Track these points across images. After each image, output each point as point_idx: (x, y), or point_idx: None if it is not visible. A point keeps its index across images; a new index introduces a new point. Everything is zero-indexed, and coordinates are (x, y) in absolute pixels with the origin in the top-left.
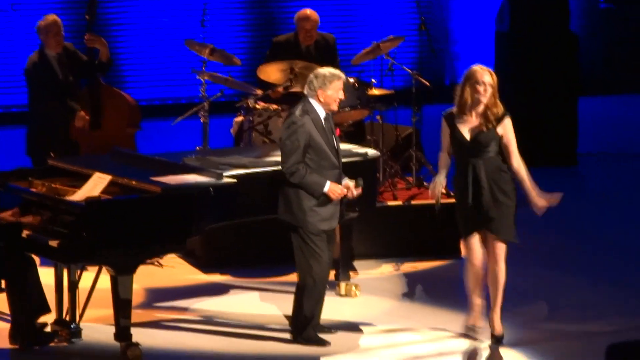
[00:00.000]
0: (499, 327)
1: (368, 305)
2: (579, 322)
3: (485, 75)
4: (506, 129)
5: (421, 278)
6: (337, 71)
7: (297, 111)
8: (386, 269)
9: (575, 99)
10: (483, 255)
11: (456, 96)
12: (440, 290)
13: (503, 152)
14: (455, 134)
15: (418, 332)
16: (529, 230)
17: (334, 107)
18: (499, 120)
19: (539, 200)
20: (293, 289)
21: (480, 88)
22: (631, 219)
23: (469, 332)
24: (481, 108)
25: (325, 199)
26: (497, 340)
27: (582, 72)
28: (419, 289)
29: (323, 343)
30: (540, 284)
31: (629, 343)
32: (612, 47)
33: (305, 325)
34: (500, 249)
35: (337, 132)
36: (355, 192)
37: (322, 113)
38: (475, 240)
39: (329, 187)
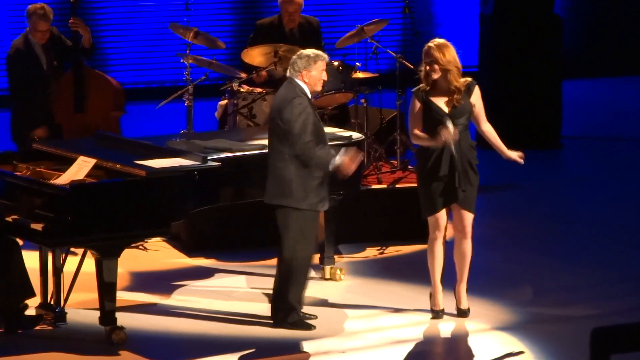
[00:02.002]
0: (466, 301)
1: (352, 288)
2: (564, 305)
3: (430, 52)
4: (477, 98)
5: (405, 261)
6: (320, 52)
7: (292, 92)
8: (370, 253)
9: (559, 82)
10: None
11: (421, 75)
12: (425, 274)
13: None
14: (432, 108)
15: (403, 315)
16: (514, 214)
17: (318, 87)
18: (469, 90)
19: (511, 153)
20: None
21: (428, 66)
22: (615, 202)
23: (437, 317)
24: (445, 84)
25: (323, 178)
26: (463, 314)
27: (566, 54)
28: (403, 273)
29: (309, 327)
30: (525, 268)
31: (614, 327)
32: (596, 29)
33: (291, 309)
34: (470, 222)
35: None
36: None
37: (308, 93)
38: (443, 216)
39: (341, 158)
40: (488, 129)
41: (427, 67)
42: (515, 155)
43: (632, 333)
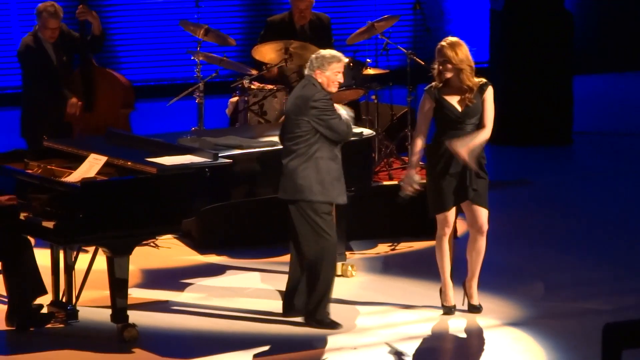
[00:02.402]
0: (477, 297)
1: (364, 285)
2: (575, 300)
3: (443, 50)
4: (489, 100)
5: (417, 258)
6: (338, 53)
7: (311, 90)
8: (382, 249)
9: (570, 77)
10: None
11: (434, 74)
12: (436, 270)
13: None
14: (444, 107)
15: (414, 311)
16: (524, 209)
17: (332, 89)
18: (482, 91)
19: (463, 151)
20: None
21: (441, 65)
22: (626, 197)
23: (449, 313)
24: (458, 83)
25: (340, 171)
26: (475, 310)
27: (577, 50)
28: (415, 269)
29: (335, 326)
30: (537, 263)
31: (626, 322)
32: (607, 25)
33: (318, 306)
34: (486, 218)
35: None
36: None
37: None
38: (453, 214)
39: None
40: (483, 132)
41: (440, 66)
42: (469, 162)
43: None
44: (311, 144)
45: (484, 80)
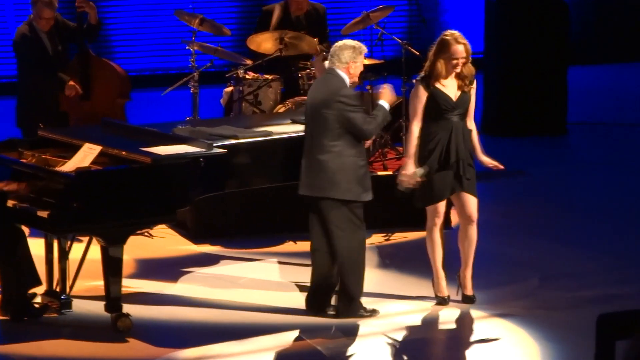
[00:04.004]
0: (471, 287)
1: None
2: (570, 291)
3: (460, 48)
4: (474, 91)
5: (412, 248)
6: (360, 44)
7: (337, 84)
8: (376, 239)
9: (565, 67)
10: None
11: (428, 64)
12: (429, 262)
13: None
14: (438, 96)
15: (409, 302)
16: (518, 200)
17: (356, 79)
18: (471, 82)
19: (484, 157)
20: (284, 259)
21: (455, 62)
22: (621, 187)
23: (443, 303)
24: (467, 72)
25: (366, 168)
26: (469, 300)
27: (572, 40)
28: (409, 259)
29: (373, 313)
30: (531, 254)
31: (620, 313)
32: (603, 15)
33: (353, 300)
34: (476, 207)
35: None
36: None
37: (347, 85)
38: (444, 204)
39: (384, 98)
40: (472, 126)
41: (440, 57)
42: (489, 161)
43: (638, 319)
44: (336, 140)
45: (474, 69)
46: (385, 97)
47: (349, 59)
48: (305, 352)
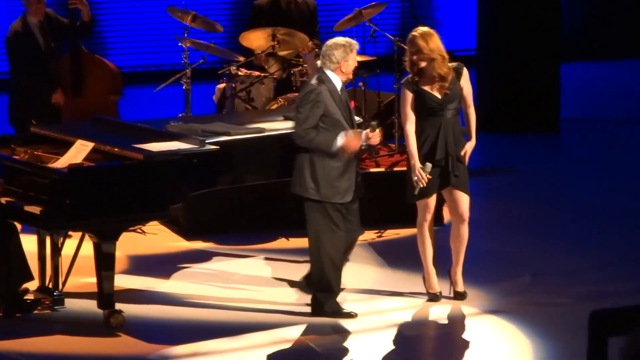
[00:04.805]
0: (462, 284)
1: (351, 272)
2: (562, 288)
3: (415, 41)
4: (465, 81)
5: (404, 245)
6: (352, 41)
7: (313, 80)
8: (368, 236)
9: (558, 65)
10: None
11: (407, 65)
12: (419, 259)
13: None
14: (424, 96)
15: (401, 298)
16: (510, 197)
17: (349, 76)
18: (458, 74)
19: (470, 144)
20: (277, 256)
21: (414, 56)
22: (613, 185)
23: (435, 299)
24: (432, 71)
25: (342, 170)
26: (460, 297)
27: (565, 37)
28: (401, 256)
29: (351, 315)
30: (523, 251)
31: (612, 310)
32: (595, 12)
33: (327, 297)
34: (468, 204)
35: (352, 104)
36: (376, 137)
37: (338, 84)
38: (434, 200)
39: (343, 139)
40: (471, 113)
41: (414, 57)
42: (466, 149)
43: (631, 316)
44: None
45: (456, 63)
46: (347, 141)
47: (340, 58)
48: (298, 349)
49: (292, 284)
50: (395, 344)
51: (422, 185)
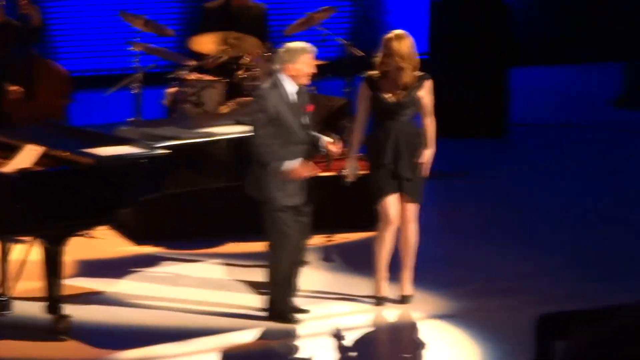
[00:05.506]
0: (409, 288)
1: (301, 275)
2: (513, 292)
3: (389, 43)
4: (426, 92)
5: (353, 249)
6: (306, 45)
7: (265, 84)
8: (318, 240)
9: (507, 69)
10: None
11: (376, 62)
12: (372, 261)
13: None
14: (379, 97)
15: (351, 302)
16: (461, 201)
17: (304, 80)
18: (420, 84)
19: (426, 154)
20: (227, 260)
21: (385, 57)
22: (562, 188)
23: (380, 303)
24: (399, 74)
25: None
26: (406, 300)
27: (515, 42)
28: (351, 260)
29: (292, 320)
30: (473, 255)
31: (559, 313)
32: (544, 17)
33: (275, 301)
34: (415, 210)
35: (311, 108)
36: (336, 149)
37: (292, 87)
38: (393, 203)
39: (291, 165)
40: (429, 123)
41: (384, 58)
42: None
43: (577, 319)
44: None
45: (422, 73)
46: (295, 169)
47: (287, 61)
48: (246, 353)
49: (242, 289)
50: (343, 349)
51: (349, 178)
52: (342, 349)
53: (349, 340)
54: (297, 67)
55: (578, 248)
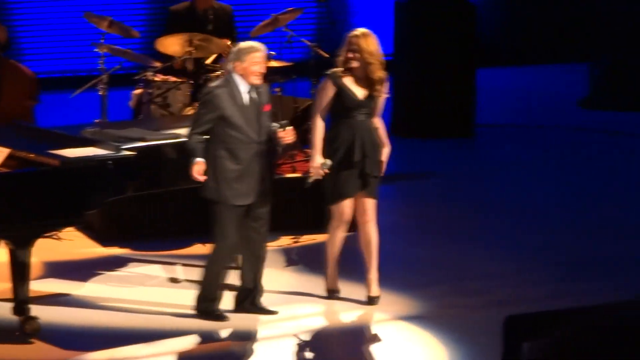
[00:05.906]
0: (376, 289)
1: (267, 277)
2: (479, 293)
3: (354, 40)
4: (386, 91)
5: (320, 250)
6: (256, 44)
7: (215, 83)
8: (285, 241)
9: (473, 70)
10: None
11: (339, 60)
12: (324, 259)
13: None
14: (345, 93)
15: (316, 303)
16: (428, 201)
17: (253, 79)
18: (383, 83)
19: (388, 153)
20: (194, 262)
21: (350, 54)
22: (529, 189)
23: (332, 297)
24: (362, 73)
25: (242, 172)
26: (373, 302)
27: (480, 43)
28: (317, 261)
29: (220, 318)
30: (440, 256)
31: (527, 315)
32: (510, 18)
33: (203, 298)
34: (375, 208)
35: (268, 107)
36: (287, 135)
37: (244, 87)
38: (352, 200)
39: (195, 163)
40: (379, 121)
41: (349, 55)
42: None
43: (545, 321)
44: (211, 141)
45: (384, 74)
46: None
47: (232, 59)
48: (211, 354)
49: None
50: (309, 349)
51: (314, 178)
52: (308, 350)
53: (314, 341)
54: (244, 65)
55: (546, 248)
